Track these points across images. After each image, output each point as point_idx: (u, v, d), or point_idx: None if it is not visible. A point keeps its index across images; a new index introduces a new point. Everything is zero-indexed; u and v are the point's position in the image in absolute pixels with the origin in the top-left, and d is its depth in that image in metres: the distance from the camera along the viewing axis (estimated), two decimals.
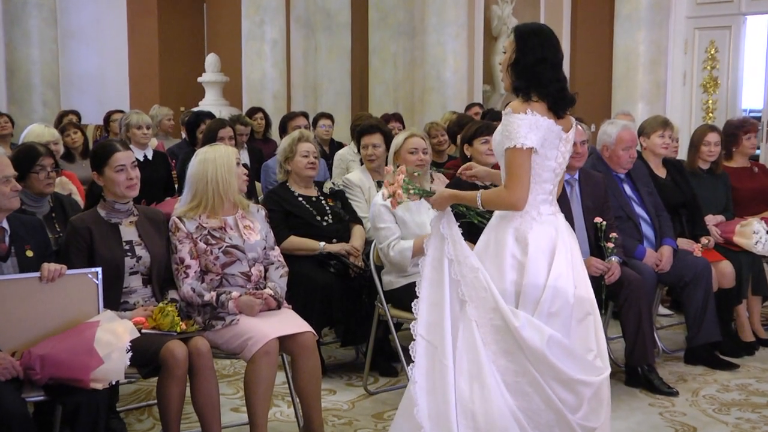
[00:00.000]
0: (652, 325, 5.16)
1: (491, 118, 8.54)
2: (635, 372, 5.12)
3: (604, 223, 5.02)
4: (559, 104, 3.43)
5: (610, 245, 4.96)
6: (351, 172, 6.14)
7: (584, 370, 3.40)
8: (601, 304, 5.45)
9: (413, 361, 3.47)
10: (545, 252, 3.44)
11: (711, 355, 5.47)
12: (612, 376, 5.13)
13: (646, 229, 5.46)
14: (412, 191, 3.55)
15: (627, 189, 5.54)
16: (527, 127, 3.33)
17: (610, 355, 5.39)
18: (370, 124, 6.18)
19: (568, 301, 3.42)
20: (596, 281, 4.89)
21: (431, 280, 3.53)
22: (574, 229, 4.98)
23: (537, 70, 3.40)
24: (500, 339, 3.34)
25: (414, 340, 3.50)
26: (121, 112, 8.69)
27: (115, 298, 3.99)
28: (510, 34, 3.54)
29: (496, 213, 3.56)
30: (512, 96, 3.49)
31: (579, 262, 3.57)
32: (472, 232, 3.88)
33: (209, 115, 7.86)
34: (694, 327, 5.37)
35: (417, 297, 3.53)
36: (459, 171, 4.13)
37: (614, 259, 4.98)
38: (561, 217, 3.59)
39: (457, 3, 10.74)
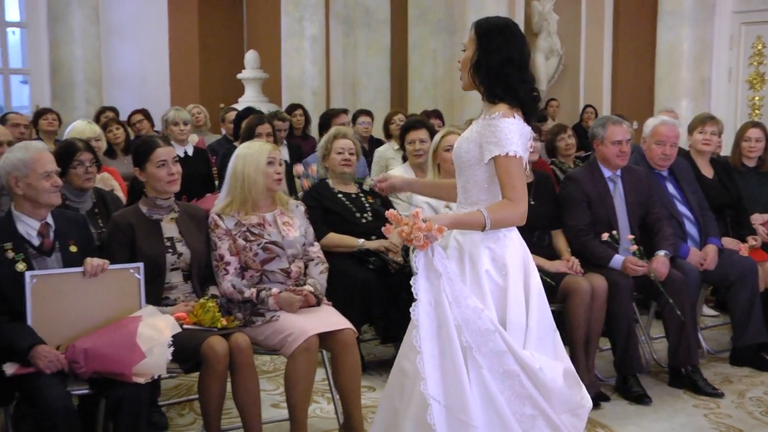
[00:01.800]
0: (696, 325, 5.11)
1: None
2: (679, 373, 5.08)
3: (615, 232, 4.95)
4: (532, 109, 3.21)
5: (634, 248, 4.90)
6: (391, 169, 6.14)
7: (580, 390, 3.26)
8: (650, 303, 5.45)
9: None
10: (521, 271, 3.20)
11: (757, 356, 5.41)
12: (655, 376, 5.21)
13: (690, 228, 5.42)
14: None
15: (670, 187, 5.49)
16: (517, 133, 3.10)
17: (653, 356, 5.42)
18: (416, 119, 6.18)
19: (550, 320, 3.25)
20: (646, 280, 4.88)
21: (428, 329, 3.03)
22: (616, 227, 5.03)
23: (504, 71, 3.14)
24: (515, 384, 3.05)
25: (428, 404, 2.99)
26: (141, 112, 8.73)
27: (156, 294, 4.02)
28: (470, 30, 3.27)
29: (462, 232, 3.18)
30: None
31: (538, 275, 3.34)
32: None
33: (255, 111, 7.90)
34: (739, 327, 5.32)
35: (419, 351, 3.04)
36: (374, 184, 3.81)
37: (662, 253, 4.94)
38: (516, 230, 3.27)
39: None
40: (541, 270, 4.77)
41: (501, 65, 3.14)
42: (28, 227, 3.76)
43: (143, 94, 13.48)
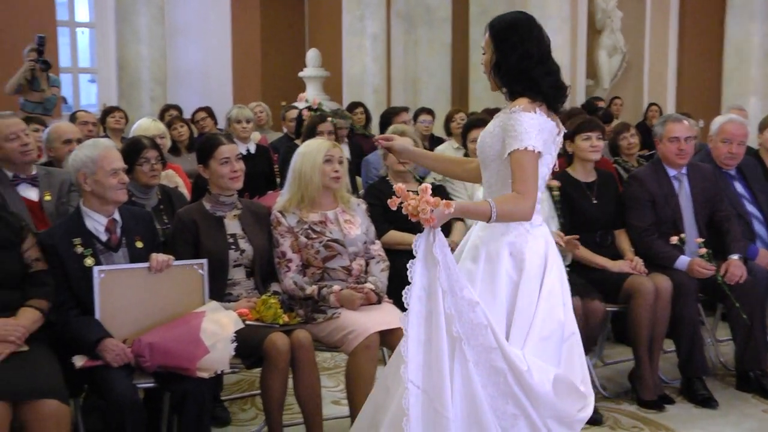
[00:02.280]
0: (764, 328, 4.98)
1: (590, 111, 8.42)
2: (747, 376, 4.98)
3: (683, 235, 4.87)
4: (555, 101, 3.15)
5: (703, 251, 4.81)
6: None
7: (577, 401, 3.15)
8: (716, 304, 5.35)
9: (406, 415, 2.91)
10: (539, 268, 3.15)
11: None
12: (722, 379, 5.11)
13: (759, 228, 5.30)
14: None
15: (738, 186, 5.39)
16: (536, 128, 3.04)
17: (719, 359, 5.32)
18: (479, 118, 6.15)
19: (560, 320, 3.15)
20: (712, 282, 4.80)
21: (417, 314, 2.96)
22: (682, 226, 4.95)
23: (523, 67, 3.10)
24: (501, 381, 2.97)
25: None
26: (205, 109, 8.80)
27: (219, 290, 4.06)
28: (485, 32, 3.23)
29: (485, 224, 3.15)
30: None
31: (565, 277, 3.28)
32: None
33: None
34: None
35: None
36: (376, 138, 3.79)
37: (735, 256, 4.86)
38: (545, 226, 3.27)
39: None
40: (603, 270, 4.80)
41: (519, 61, 3.11)
42: (96, 223, 3.83)
43: (206, 92, 13.63)
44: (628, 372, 4.99)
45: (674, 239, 4.84)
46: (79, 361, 3.55)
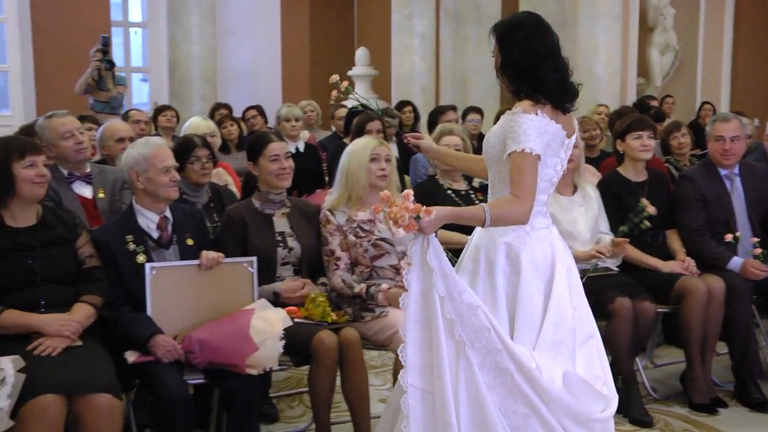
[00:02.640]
0: None
1: (642, 110, 8.32)
2: None
3: (738, 234, 4.81)
4: (563, 99, 3.09)
5: (758, 251, 4.74)
6: None
7: (596, 402, 3.09)
8: None
9: (406, 416, 2.92)
10: (540, 272, 3.11)
11: None
12: None
13: None
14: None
15: None
16: (536, 130, 2.99)
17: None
18: None
19: (571, 325, 3.11)
20: (767, 284, 4.72)
21: (416, 319, 2.97)
22: (735, 226, 4.88)
23: (529, 67, 3.06)
24: (508, 382, 2.94)
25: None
26: (255, 108, 8.83)
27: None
28: (490, 36, 3.19)
29: (485, 228, 3.12)
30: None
31: (577, 280, 3.24)
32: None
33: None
34: None
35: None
36: (405, 136, 3.78)
37: None
38: (555, 229, 3.25)
39: None
40: (654, 270, 4.74)
41: (524, 60, 3.07)
42: (148, 220, 3.88)
43: (256, 90, 13.73)
44: (679, 374, 4.94)
45: (728, 237, 4.80)
46: (131, 356, 3.60)
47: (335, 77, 3.55)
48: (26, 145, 3.64)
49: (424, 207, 2.82)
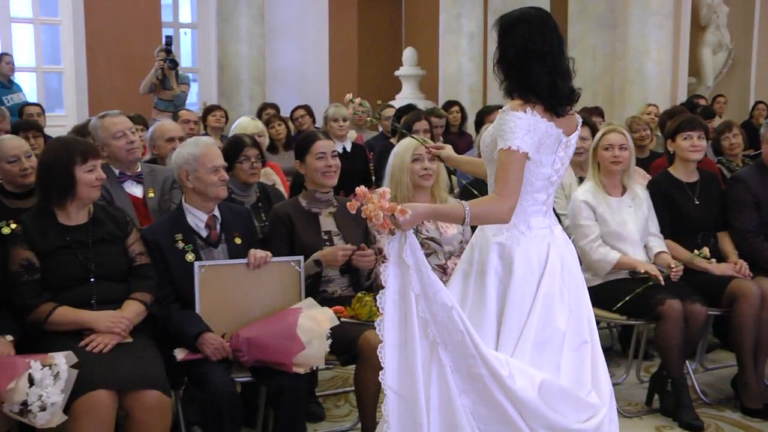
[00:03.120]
0: None
1: (690, 109, 8.19)
2: None
3: None
4: (553, 103, 3.00)
5: None
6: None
7: (579, 411, 2.99)
8: None
9: (386, 421, 2.90)
10: (534, 272, 3.04)
11: None
12: None
13: None
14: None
15: None
16: (524, 128, 2.94)
17: None
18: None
19: (558, 328, 3.03)
20: None
21: (392, 319, 2.93)
22: None
23: (522, 64, 3.00)
24: (480, 388, 2.88)
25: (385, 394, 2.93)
26: (303, 107, 8.86)
27: (314, 286, 4.11)
28: (493, 27, 3.14)
29: (479, 227, 3.16)
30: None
31: (578, 282, 3.16)
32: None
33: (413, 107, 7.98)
34: None
35: (381, 341, 2.94)
36: (427, 147, 3.86)
37: None
38: (558, 229, 3.18)
39: None
40: (705, 272, 4.67)
41: (517, 56, 3.01)
42: (197, 219, 3.92)
43: (303, 90, 13.79)
44: (730, 378, 4.86)
45: None
46: (179, 353, 3.63)
47: (349, 96, 3.60)
48: (88, 149, 3.70)
49: (400, 206, 2.80)
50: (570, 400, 2.98)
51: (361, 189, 2.86)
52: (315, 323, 3.65)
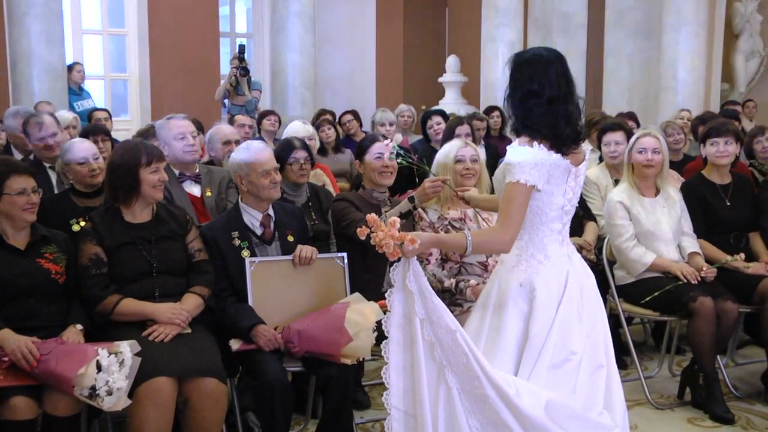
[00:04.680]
0: None
1: (726, 115, 8.06)
2: None
3: None
4: (556, 143, 2.94)
5: None
6: (588, 169, 6.00)
7: (589, 430, 2.91)
8: None
9: None
10: (553, 299, 2.99)
11: None
12: None
13: None
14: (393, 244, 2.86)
15: None
16: (531, 162, 2.90)
17: None
18: (613, 122, 6.02)
19: (575, 351, 2.96)
20: None
21: (398, 342, 2.94)
22: None
23: (527, 105, 2.95)
24: (487, 409, 2.83)
25: (389, 414, 2.96)
26: (351, 112, 8.85)
27: (409, 225, 4.09)
28: (506, 64, 3.10)
29: (503, 256, 3.12)
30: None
31: (595, 307, 3.09)
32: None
33: (440, 112, 7.97)
34: None
35: (386, 363, 2.96)
36: (455, 191, 3.94)
37: None
38: (576, 257, 3.12)
39: (698, 1, 10.18)
40: (737, 271, 4.61)
41: (523, 98, 2.97)
42: (252, 218, 3.95)
43: (351, 96, 13.81)
44: (761, 373, 4.79)
45: None
46: (235, 344, 3.66)
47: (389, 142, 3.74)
48: (153, 152, 3.75)
49: (409, 236, 2.82)
50: (579, 419, 2.91)
51: (371, 216, 2.87)
52: (362, 317, 3.65)
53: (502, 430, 2.85)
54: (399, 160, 3.93)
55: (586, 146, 3.16)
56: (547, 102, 2.95)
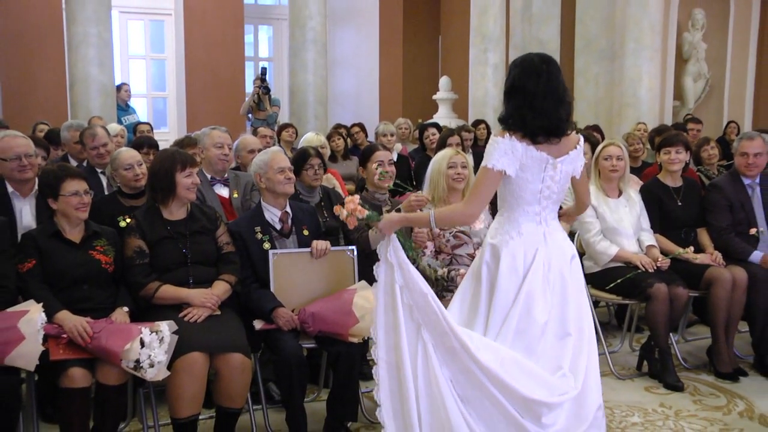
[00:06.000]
0: None
1: (677, 128, 8.06)
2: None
3: (762, 230, 4.70)
4: (524, 133, 2.87)
5: None
6: None
7: (543, 388, 2.84)
8: None
9: (377, 384, 2.96)
10: (518, 269, 2.92)
11: None
12: None
13: None
14: (366, 213, 3.09)
15: None
16: (502, 151, 2.85)
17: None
18: (584, 133, 5.99)
19: (536, 319, 2.89)
20: None
21: (385, 305, 3.00)
22: (756, 227, 4.68)
23: (508, 100, 2.90)
24: (456, 359, 2.85)
25: (376, 364, 3.00)
26: (359, 125, 8.81)
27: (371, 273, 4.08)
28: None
29: (487, 235, 3.07)
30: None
31: (567, 285, 2.97)
32: None
33: (435, 125, 7.97)
34: None
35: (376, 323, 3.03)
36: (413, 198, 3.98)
37: None
38: (553, 239, 2.99)
39: (653, 30, 10.17)
40: (687, 261, 4.59)
41: (507, 94, 2.93)
42: (272, 215, 3.93)
43: (358, 111, 13.81)
44: (706, 348, 4.79)
45: (753, 230, 4.69)
46: (257, 324, 3.65)
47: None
48: (187, 159, 3.74)
49: (363, 211, 3.06)
50: (532, 375, 2.86)
51: (338, 206, 3.14)
52: (367, 302, 3.63)
53: (470, 377, 2.85)
54: (387, 185, 3.97)
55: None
56: (522, 97, 2.87)
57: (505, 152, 2.87)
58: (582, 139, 3.09)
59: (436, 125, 7.99)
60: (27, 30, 11.74)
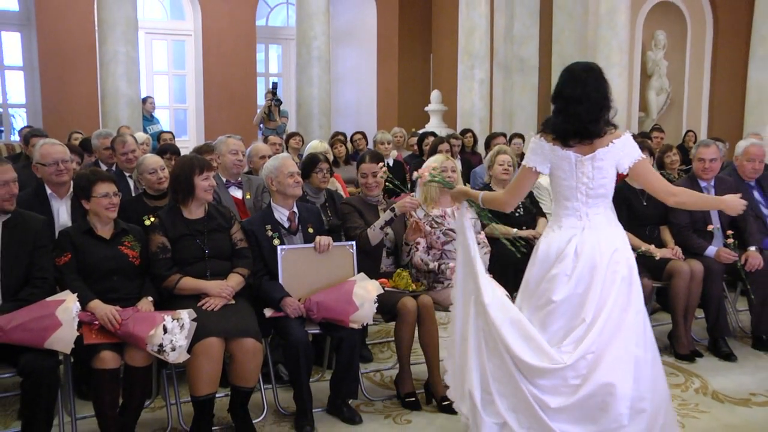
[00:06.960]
0: None
1: (642, 136, 8.07)
2: (760, 338, 4.72)
3: (719, 227, 4.72)
4: (555, 136, 2.85)
5: (730, 241, 4.61)
6: (541, 178, 5.97)
7: (536, 356, 2.79)
8: (737, 282, 5.05)
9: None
10: (550, 257, 2.88)
11: None
12: (740, 340, 4.89)
13: None
14: (437, 179, 3.50)
15: (756, 194, 5.07)
16: (532, 150, 2.89)
17: (738, 324, 5.00)
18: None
19: (551, 299, 2.82)
20: (733, 266, 4.58)
21: (462, 260, 3.18)
22: (711, 224, 4.69)
23: (553, 103, 2.86)
24: (482, 311, 2.97)
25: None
26: (360, 133, 8.80)
27: (367, 265, 4.06)
28: None
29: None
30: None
31: (598, 273, 2.81)
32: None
33: (432, 134, 7.96)
34: None
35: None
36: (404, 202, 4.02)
37: (753, 248, 4.63)
38: (591, 233, 2.85)
39: (621, 49, 10.20)
40: (651, 256, 4.59)
41: (553, 98, 2.88)
42: (281, 214, 3.91)
43: (358, 120, 13.80)
44: (667, 332, 4.78)
45: (710, 227, 4.71)
46: (268, 312, 3.64)
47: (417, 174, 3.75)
48: (204, 164, 3.72)
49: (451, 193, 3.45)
50: (530, 340, 2.83)
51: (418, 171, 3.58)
52: (366, 291, 3.63)
53: (492, 330, 2.92)
54: (375, 192, 4.10)
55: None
56: (564, 104, 2.82)
57: (534, 151, 2.90)
58: (626, 135, 2.90)
59: (433, 134, 7.99)
60: (64, 50, 11.74)
